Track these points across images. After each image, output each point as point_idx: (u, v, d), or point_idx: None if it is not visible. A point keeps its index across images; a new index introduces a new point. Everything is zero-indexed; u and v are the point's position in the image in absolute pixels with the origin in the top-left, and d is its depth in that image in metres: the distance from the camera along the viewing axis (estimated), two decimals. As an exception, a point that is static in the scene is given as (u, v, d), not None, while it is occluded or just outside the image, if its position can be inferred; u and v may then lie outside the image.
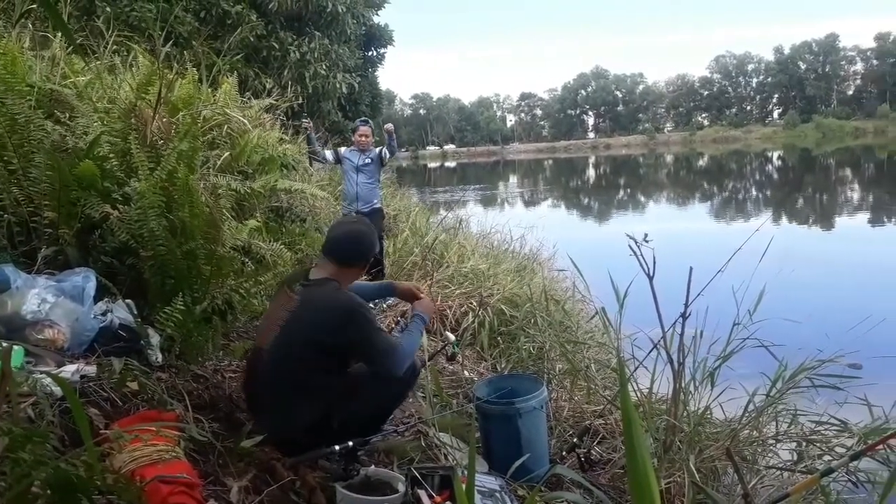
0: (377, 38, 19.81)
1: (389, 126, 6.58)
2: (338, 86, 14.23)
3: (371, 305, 4.71)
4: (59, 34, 4.13)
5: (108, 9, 9.40)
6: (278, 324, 2.53)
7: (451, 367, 4.37)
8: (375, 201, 6.43)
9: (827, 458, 2.99)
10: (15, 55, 3.22)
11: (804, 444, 3.08)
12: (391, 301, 5.41)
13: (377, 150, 6.51)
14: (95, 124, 3.39)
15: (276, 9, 12.90)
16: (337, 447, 2.35)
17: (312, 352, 2.48)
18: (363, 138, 6.38)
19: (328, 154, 6.63)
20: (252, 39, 12.25)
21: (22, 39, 4.01)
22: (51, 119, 3.30)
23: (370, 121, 6.94)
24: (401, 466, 2.71)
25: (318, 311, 2.52)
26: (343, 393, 2.56)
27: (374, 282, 4.39)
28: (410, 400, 3.53)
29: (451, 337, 3.74)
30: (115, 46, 5.10)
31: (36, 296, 2.44)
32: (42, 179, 2.87)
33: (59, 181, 2.86)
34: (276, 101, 7.78)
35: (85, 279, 2.61)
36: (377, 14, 19.13)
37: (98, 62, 4.46)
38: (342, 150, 6.64)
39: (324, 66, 13.67)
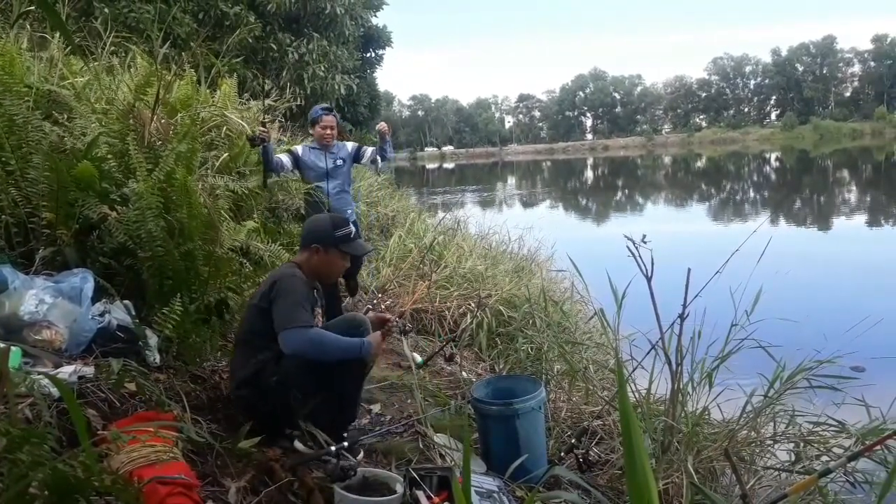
0: (375, 40, 19.84)
1: (383, 126, 5.23)
2: (336, 87, 14.25)
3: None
4: (58, 35, 4.13)
5: (106, 10, 9.40)
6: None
7: (449, 368, 4.37)
8: (349, 211, 5.08)
9: (825, 458, 2.99)
10: (13, 56, 3.23)
11: (802, 444, 3.08)
12: (389, 302, 5.42)
13: (349, 146, 5.17)
14: (93, 125, 3.39)
15: (274, 10, 12.91)
16: (333, 447, 2.35)
17: (253, 315, 2.72)
18: (327, 131, 4.94)
19: (284, 160, 4.88)
20: (250, 41, 12.26)
21: (20, 40, 4.01)
22: (49, 120, 3.30)
23: (333, 109, 5.27)
24: (399, 467, 2.71)
25: (266, 280, 2.81)
26: (277, 351, 2.60)
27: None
28: (409, 401, 3.53)
29: (418, 358, 3.96)
30: (113, 47, 5.09)
31: (34, 297, 2.44)
32: (40, 180, 2.87)
33: (57, 182, 2.86)
34: (275, 102, 7.78)
35: (83, 280, 2.61)
36: (375, 16, 19.18)
37: (96, 63, 4.46)
38: (298, 149, 5.10)
39: (322, 68, 13.69)
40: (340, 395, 2.75)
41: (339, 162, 5.04)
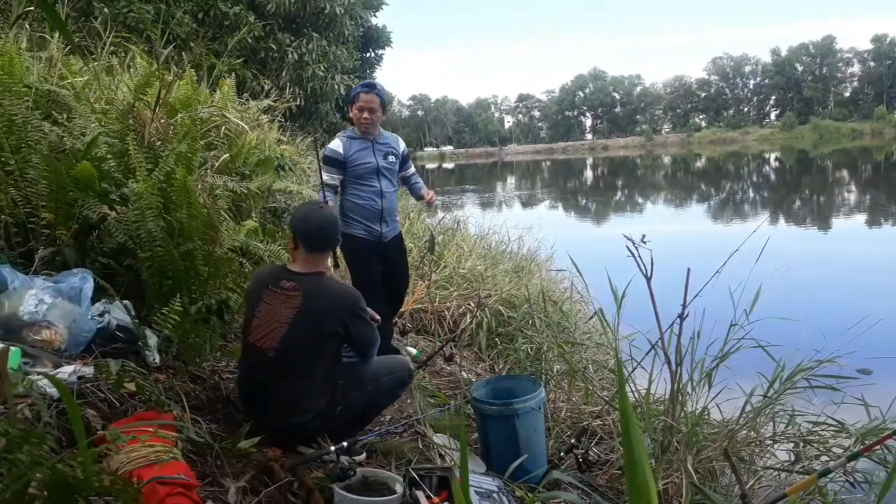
0: (375, 40, 19.80)
1: (432, 197, 4.34)
2: (336, 87, 14.20)
3: None
4: (57, 35, 4.13)
5: (105, 10, 9.38)
6: (285, 322, 2.55)
7: (449, 368, 4.37)
8: (398, 218, 4.27)
9: (824, 458, 2.99)
10: (12, 56, 3.23)
11: (802, 444, 3.08)
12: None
13: (400, 142, 4.21)
14: (93, 125, 3.39)
15: (273, 10, 12.89)
16: (332, 448, 2.36)
17: (323, 342, 2.58)
18: (364, 115, 3.86)
19: (329, 180, 3.87)
20: (250, 41, 12.25)
21: (19, 40, 4.01)
22: (48, 120, 3.30)
23: (379, 84, 4.00)
24: (399, 467, 2.71)
25: (324, 303, 2.59)
26: (345, 378, 2.68)
27: None
28: (409, 401, 3.53)
29: (413, 351, 3.96)
30: (112, 47, 5.10)
31: (33, 297, 2.44)
32: (39, 180, 2.87)
33: (57, 182, 2.86)
34: (275, 102, 7.77)
35: (82, 280, 2.61)
36: (375, 16, 19.14)
37: (96, 63, 4.46)
38: (337, 144, 3.92)
39: (322, 68, 13.66)
40: (369, 415, 2.93)
41: (391, 159, 4.04)
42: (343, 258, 3.98)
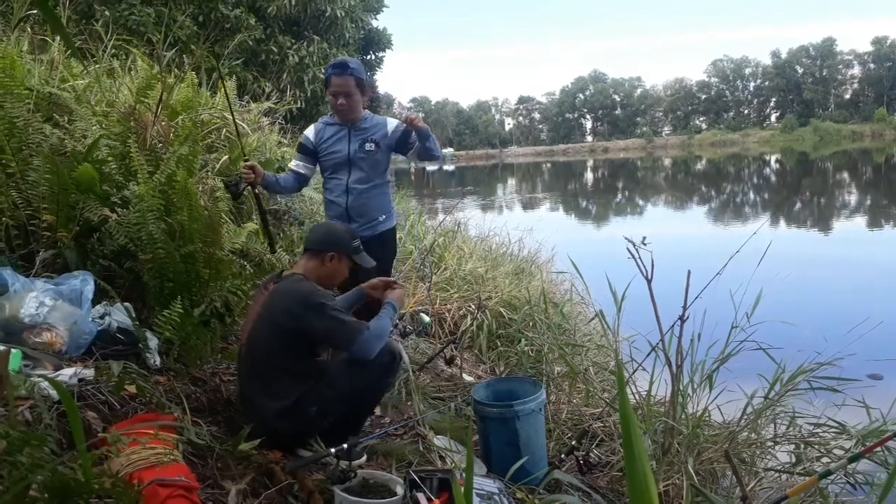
0: (375, 42, 19.86)
1: (410, 115, 3.60)
2: (336, 89, 14.26)
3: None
4: (58, 38, 4.13)
5: (106, 13, 9.42)
6: (252, 319, 2.66)
7: (449, 370, 4.37)
8: (382, 217, 3.67)
9: (825, 460, 2.99)
10: (13, 59, 3.23)
11: (802, 446, 3.08)
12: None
13: (390, 123, 3.66)
14: (94, 127, 3.40)
15: (274, 13, 12.94)
16: (333, 450, 2.35)
17: (279, 338, 2.57)
18: (339, 100, 3.47)
19: (293, 172, 3.70)
20: (251, 43, 12.28)
21: (21, 43, 4.02)
22: (49, 122, 3.31)
23: (354, 63, 3.59)
24: (399, 469, 2.71)
25: (281, 299, 2.61)
26: (315, 377, 2.63)
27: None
28: (409, 403, 3.53)
29: (426, 318, 3.88)
30: (114, 50, 5.10)
31: (34, 299, 2.44)
32: (40, 183, 2.87)
33: (58, 184, 2.86)
34: (275, 104, 7.79)
35: (83, 282, 2.61)
36: (375, 18, 19.20)
37: (97, 66, 4.47)
38: (310, 132, 3.67)
39: (322, 70, 13.69)
40: (360, 412, 2.84)
41: (370, 146, 3.55)
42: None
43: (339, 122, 3.60)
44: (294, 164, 3.71)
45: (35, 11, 4.51)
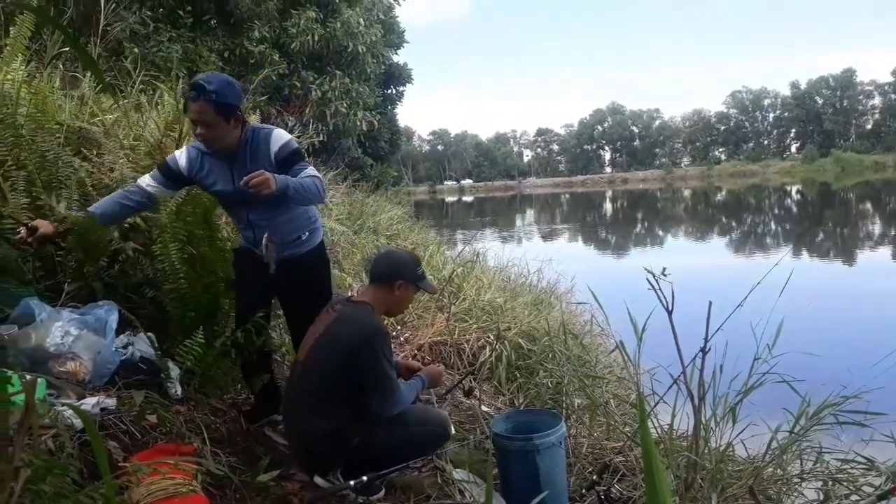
0: (396, 77, 20.23)
1: (254, 181, 2.52)
2: (358, 123, 14.47)
3: None
4: (89, 74, 4.26)
5: (136, 49, 9.67)
6: (314, 337, 2.66)
7: (468, 402, 4.34)
8: (305, 235, 3.08)
9: (854, 497, 2.91)
10: (46, 94, 3.34)
11: (830, 482, 3.00)
12: (408, 334, 5.41)
13: (269, 141, 2.82)
14: (121, 161, 3.48)
15: (298, 49, 13.20)
16: (352, 482, 2.34)
17: (338, 365, 2.57)
18: (200, 130, 2.71)
19: (146, 186, 2.86)
20: (275, 78, 12.53)
21: (53, 79, 4.15)
22: (78, 156, 3.40)
23: (215, 83, 2.68)
24: (418, 503, 2.68)
25: (347, 327, 2.62)
26: (365, 412, 2.64)
27: None
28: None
29: None
30: (141, 86, 5.24)
31: (60, 328, 2.48)
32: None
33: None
34: (298, 138, 7.92)
35: (107, 312, 2.65)
36: (396, 53, 19.59)
37: (125, 101, 4.59)
38: (181, 152, 2.92)
39: (344, 104, 13.93)
40: (391, 461, 2.73)
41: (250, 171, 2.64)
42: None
43: (209, 154, 2.87)
44: (147, 181, 2.89)
45: (67, 49, 4.66)
